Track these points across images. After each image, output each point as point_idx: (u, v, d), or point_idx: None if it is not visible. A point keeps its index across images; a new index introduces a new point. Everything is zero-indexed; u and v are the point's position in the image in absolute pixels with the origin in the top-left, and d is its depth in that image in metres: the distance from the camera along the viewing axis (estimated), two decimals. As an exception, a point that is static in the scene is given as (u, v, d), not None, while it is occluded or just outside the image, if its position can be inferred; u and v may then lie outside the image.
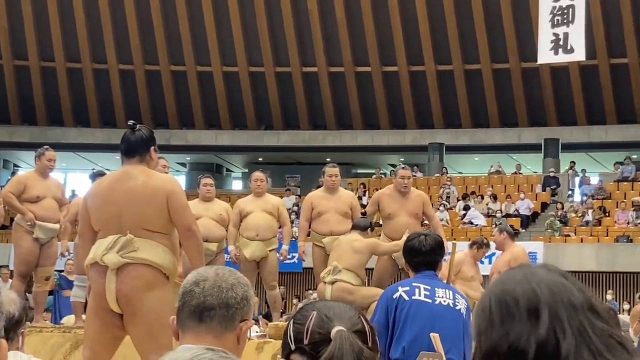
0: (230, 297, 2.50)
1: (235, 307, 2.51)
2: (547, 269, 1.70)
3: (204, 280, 2.52)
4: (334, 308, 2.06)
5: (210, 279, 2.52)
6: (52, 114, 34.42)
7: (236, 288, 2.52)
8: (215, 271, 2.55)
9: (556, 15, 25.16)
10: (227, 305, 2.49)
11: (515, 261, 9.86)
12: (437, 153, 32.60)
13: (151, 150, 5.57)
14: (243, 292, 2.53)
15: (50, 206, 9.55)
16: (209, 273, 2.55)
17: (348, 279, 9.09)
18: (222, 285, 2.51)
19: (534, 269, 1.69)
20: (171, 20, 33.17)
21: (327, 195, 10.08)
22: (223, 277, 2.53)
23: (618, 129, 31.25)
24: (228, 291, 2.51)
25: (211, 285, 2.51)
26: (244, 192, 26.77)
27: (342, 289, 9.03)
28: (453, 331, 5.16)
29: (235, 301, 2.51)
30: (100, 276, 5.36)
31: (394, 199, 9.68)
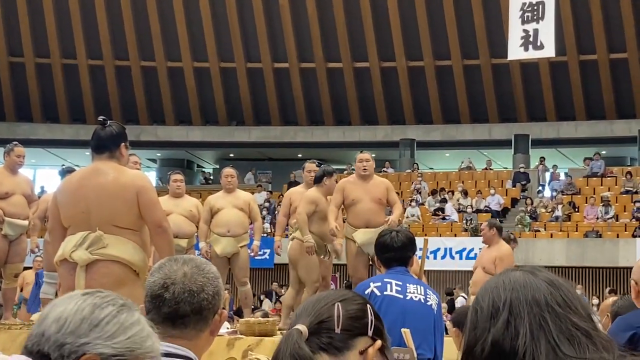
0: (202, 300, 2.43)
1: (207, 308, 2.45)
2: (529, 273, 1.81)
3: (172, 283, 2.43)
4: (310, 303, 2.00)
5: (178, 282, 2.43)
6: (20, 109, 34.15)
7: (207, 288, 2.45)
8: (183, 271, 2.45)
9: (526, 12, 25.27)
10: (200, 309, 2.43)
11: (501, 260, 9.88)
12: (408, 149, 32.68)
13: (121, 146, 5.54)
14: (214, 289, 2.47)
15: (19, 202, 9.48)
16: (177, 274, 2.44)
17: (299, 236, 9.30)
18: (192, 289, 2.43)
19: (512, 273, 1.81)
20: (141, 16, 32.99)
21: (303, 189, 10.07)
22: (192, 278, 2.44)
23: (587, 125, 31.46)
24: (200, 294, 2.43)
25: (181, 289, 2.42)
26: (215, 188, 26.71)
27: (297, 247, 9.30)
28: (424, 326, 5.18)
29: (207, 302, 2.44)
30: (70, 273, 5.33)
31: (357, 185, 9.54)
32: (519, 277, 1.78)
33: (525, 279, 1.78)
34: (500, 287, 1.78)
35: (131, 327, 1.71)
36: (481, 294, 1.80)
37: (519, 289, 1.75)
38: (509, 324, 1.71)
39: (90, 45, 33.45)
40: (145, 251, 5.49)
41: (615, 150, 31.98)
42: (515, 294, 1.74)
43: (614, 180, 27.92)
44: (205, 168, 38.48)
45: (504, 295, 1.75)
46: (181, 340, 2.43)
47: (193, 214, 10.11)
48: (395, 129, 32.83)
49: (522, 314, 1.71)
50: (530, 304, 1.72)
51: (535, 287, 1.75)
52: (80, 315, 1.69)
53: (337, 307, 1.95)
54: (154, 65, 33.76)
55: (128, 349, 1.68)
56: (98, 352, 1.66)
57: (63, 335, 1.66)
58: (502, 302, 1.74)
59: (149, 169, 36.25)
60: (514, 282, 1.77)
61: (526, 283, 1.77)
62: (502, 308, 1.73)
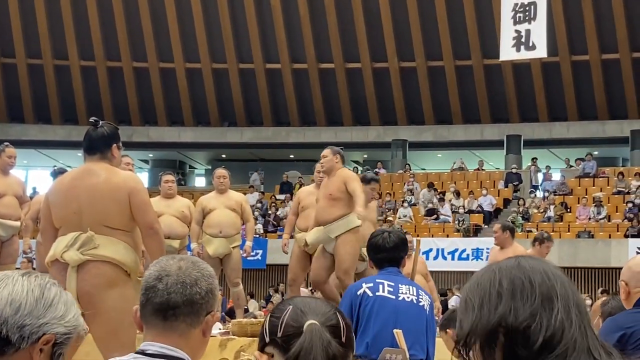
0: (195, 293, 2.43)
1: (200, 302, 2.44)
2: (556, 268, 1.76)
3: (166, 275, 2.44)
4: (310, 303, 2.07)
5: (173, 274, 2.44)
6: (12, 110, 34.07)
7: (200, 282, 2.45)
8: (178, 264, 2.47)
9: (518, 12, 25.30)
10: (192, 302, 2.43)
11: None
12: (400, 149, 32.70)
13: (113, 147, 5.53)
14: (207, 286, 2.46)
15: (10, 203, 9.46)
16: (172, 267, 2.46)
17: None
18: (185, 281, 2.43)
19: (549, 263, 1.74)
20: (133, 16, 32.96)
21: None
22: (186, 271, 2.45)
23: (579, 125, 31.51)
24: (192, 287, 2.43)
25: (174, 281, 2.43)
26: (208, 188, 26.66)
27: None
28: (416, 327, 5.18)
29: (200, 296, 2.44)
30: (61, 274, 5.31)
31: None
32: (559, 272, 1.73)
33: (564, 276, 1.73)
34: (548, 274, 1.70)
35: (72, 306, 1.75)
36: (517, 268, 1.71)
37: (567, 287, 1.70)
38: (562, 318, 1.65)
39: (82, 46, 33.40)
40: (136, 252, 5.49)
41: (607, 151, 32.04)
42: (565, 291, 1.68)
43: (606, 180, 27.98)
44: (198, 169, 38.47)
45: (556, 285, 1.68)
46: (172, 335, 2.42)
47: (185, 215, 10.10)
48: (387, 130, 32.85)
49: (571, 313, 1.66)
50: (575, 305, 1.68)
51: (576, 291, 1.72)
52: (33, 296, 1.70)
53: (341, 317, 2.06)
54: (146, 66, 33.72)
55: (74, 327, 1.71)
56: (55, 332, 1.68)
57: (21, 317, 1.67)
58: (556, 293, 1.66)
59: (141, 170, 36.20)
60: (561, 277, 1.72)
61: (569, 282, 1.72)
62: (555, 299, 1.65)
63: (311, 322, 1.99)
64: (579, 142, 31.04)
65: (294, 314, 2.03)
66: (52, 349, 1.88)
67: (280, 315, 2.05)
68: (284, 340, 2.01)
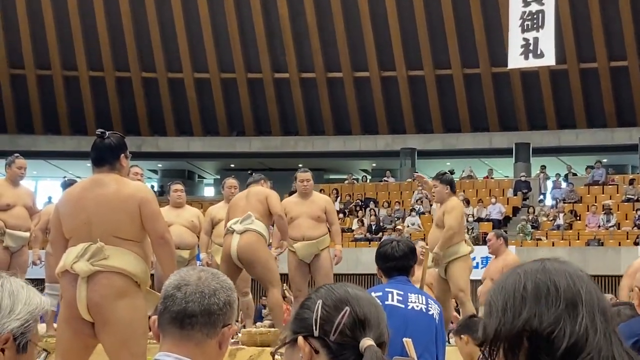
0: (213, 304, 2.44)
1: (217, 313, 2.44)
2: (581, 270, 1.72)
3: (186, 284, 2.45)
4: (365, 307, 1.99)
5: (192, 284, 2.45)
6: (22, 121, 34.17)
7: (219, 293, 2.46)
8: (198, 275, 2.48)
9: (526, 20, 25.31)
10: (209, 312, 2.44)
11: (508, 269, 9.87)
12: (409, 158, 32.69)
13: (121, 157, 5.54)
14: (226, 297, 2.47)
15: (20, 214, 9.49)
16: (192, 277, 2.48)
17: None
18: (204, 291, 2.44)
19: (574, 267, 1.73)
20: (142, 27, 33.05)
21: (300, 200, 10.01)
22: (205, 281, 2.46)
23: (588, 133, 31.47)
24: (210, 297, 2.44)
25: (193, 290, 2.44)
26: (217, 198, 26.67)
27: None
28: (426, 336, 5.17)
29: (218, 307, 2.44)
30: (71, 284, 5.33)
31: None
32: (585, 277, 1.71)
33: (590, 281, 1.70)
34: (573, 278, 1.68)
35: (20, 292, 1.74)
36: (542, 272, 1.69)
37: (592, 292, 1.67)
38: (586, 324, 1.62)
39: (91, 56, 33.50)
40: (146, 262, 5.50)
41: (616, 158, 31.98)
42: (590, 297, 1.66)
43: (616, 188, 27.92)
44: (207, 178, 38.52)
45: (581, 291, 1.66)
46: (188, 343, 2.43)
47: (194, 225, 10.11)
48: (395, 138, 32.84)
49: (596, 319, 1.64)
50: (601, 312, 1.66)
51: (602, 296, 1.68)
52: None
53: (388, 331, 2.04)
54: (154, 76, 33.80)
55: (29, 313, 1.69)
56: (10, 329, 1.67)
57: None
58: (581, 298, 1.64)
59: (150, 180, 36.27)
60: (587, 282, 1.69)
61: (595, 287, 1.69)
62: (580, 305, 1.63)
63: (370, 345, 1.92)
64: (588, 149, 30.99)
65: (352, 322, 1.96)
66: (15, 343, 1.88)
67: (334, 314, 1.96)
68: (337, 347, 1.94)
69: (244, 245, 8.62)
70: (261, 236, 8.75)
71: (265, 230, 8.80)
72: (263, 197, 8.95)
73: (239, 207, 8.96)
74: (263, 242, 8.75)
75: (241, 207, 8.93)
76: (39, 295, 1.83)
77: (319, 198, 10.22)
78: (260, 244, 8.71)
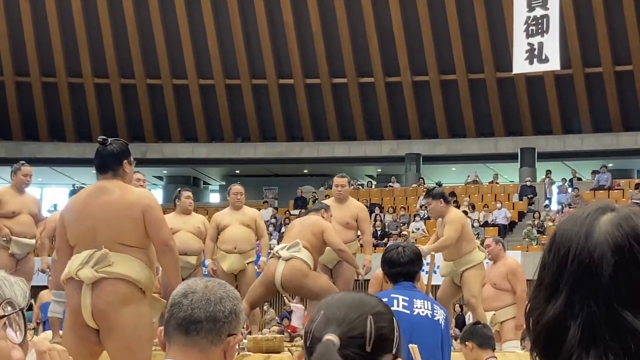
0: (218, 311, 2.47)
1: (222, 321, 2.47)
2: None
3: (192, 292, 2.49)
4: (341, 310, 1.94)
5: (199, 292, 2.49)
6: (27, 128, 34.23)
7: (225, 301, 2.49)
8: (205, 283, 2.52)
9: (531, 25, 25.30)
10: (215, 319, 2.46)
11: (513, 274, 9.93)
12: (414, 163, 32.68)
13: (124, 163, 5.54)
14: (232, 306, 2.50)
15: (25, 221, 9.50)
16: (199, 285, 2.52)
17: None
18: (210, 298, 2.48)
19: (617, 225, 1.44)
20: (146, 33, 33.10)
21: (334, 204, 9.77)
22: (212, 289, 2.50)
23: (593, 137, 31.44)
24: (216, 304, 2.47)
25: (199, 297, 2.48)
26: (222, 204, 26.67)
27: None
28: (431, 342, 5.16)
29: (223, 315, 2.47)
30: (76, 291, 5.33)
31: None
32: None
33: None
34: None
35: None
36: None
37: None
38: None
39: (96, 63, 33.55)
40: (151, 269, 5.50)
41: (621, 163, 31.94)
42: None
43: (621, 192, 27.87)
44: (212, 185, 38.53)
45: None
46: (193, 349, 2.44)
47: (201, 231, 10.11)
48: (400, 144, 32.84)
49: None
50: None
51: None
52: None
53: (370, 324, 1.91)
54: (159, 82, 33.84)
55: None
56: None
57: None
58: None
59: (155, 187, 36.30)
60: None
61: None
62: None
63: (327, 338, 1.93)
64: (593, 154, 30.96)
65: (321, 323, 1.93)
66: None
67: (312, 321, 1.96)
68: (309, 351, 1.93)
69: (288, 274, 8.52)
70: (306, 264, 8.62)
71: (311, 259, 8.64)
72: (318, 230, 8.71)
73: (291, 233, 8.88)
74: (307, 269, 8.59)
75: (292, 233, 8.82)
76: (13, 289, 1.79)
77: (353, 205, 10.06)
78: (304, 271, 8.56)
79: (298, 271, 8.49)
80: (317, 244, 8.65)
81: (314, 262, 8.64)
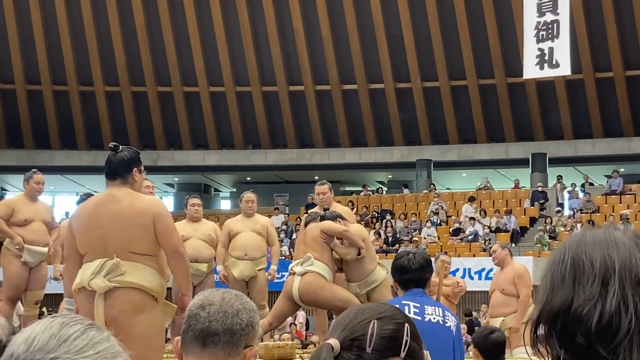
0: (235, 324, 2.49)
1: (239, 333, 2.49)
2: (628, 237, 1.60)
3: (209, 304, 2.51)
4: (350, 315, 1.96)
5: (216, 304, 2.51)
6: (38, 137, 34.36)
7: (242, 314, 2.51)
8: (222, 295, 2.55)
9: (541, 31, 25.28)
10: (232, 331, 2.48)
11: (520, 278, 9.90)
12: (424, 169, 32.65)
13: (134, 171, 5.55)
14: (248, 318, 2.52)
15: (38, 229, 9.52)
16: (216, 297, 2.54)
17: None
18: (227, 311, 2.50)
19: (617, 234, 1.60)
20: (157, 41, 33.19)
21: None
22: (229, 302, 2.52)
23: (605, 142, 31.36)
24: (233, 317, 2.50)
25: (217, 310, 2.50)
26: (233, 211, 26.72)
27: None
28: (443, 348, 5.16)
29: (240, 327, 2.49)
30: (88, 301, 5.34)
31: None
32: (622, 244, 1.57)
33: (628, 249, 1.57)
34: (609, 251, 1.56)
35: (100, 343, 1.74)
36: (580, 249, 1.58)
37: (627, 262, 1.54)
38: (618, 300, 1.50)
39: (107, 71, 33.66)
40: (162, 276, 5.51)
41: (633, 168, 31.84)
42: (623, 268, 1.53)
43: (633, 197, 27.80)
44: (223, 192, 38.57)
45: (614, 263, 1.54)
46: None
47: (212, 238, 10.12)
48: (411, 150, 32.83)
49: (627, 292, 1.50)
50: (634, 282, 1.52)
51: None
52: (49, 332, 1.71)
53: (373, 326, 1.92)
54: (170, 90, 33.93)
55: (101, 358, 1.69)
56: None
57: (32, 353, 1.69)
58: (612, 272, 1.52)
59: (166, 194, 36.37)
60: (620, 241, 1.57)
61: (631, 256, 1.55)
62: (612, 279, 1.51)
63: (327, 342, 1.97)
64: (605, 159, 30.88)
65: (330, 330, 1.96)
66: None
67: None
68: None
69: (303, 287, 8.48)
70: (321, 277, 8.58)
71: (326, 270, 8.55)
72: (318, 235, 8.68)
73: (300, 248, 8.85)
74: (323, 281, 8.53)
75: (301, 248, 8.79)
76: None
77: (339, 210, 9.86)
78: (320, 284, 8.50)
79: (312, 284, 8.46)
80: (327, 252, 8.63)
81: (330, 272, 8.59)
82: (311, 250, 8.55)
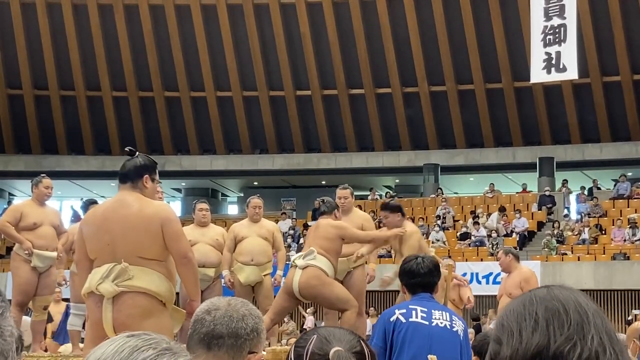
0: (240, 328, 2.52)
1: (244, 337, 2.52)
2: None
3: (215, 309, 2.55)
4: (335, 332, 2.10)
5: (222, 309, 2.55)
6: (46, 142, 34.43)
7: (247, 319, 2.55)
8: (228, 301, 2.59)
9: (548, 35, 25.27)
10: (236, 335, 2.51)
11: (527, 282, 9.88)
12: (432, 174, 32.63)
13: (145, 178, 5.56)
14: (254, 324, 2.55)
15: (47, 234, 9.52)
16: (222, 303, 2.58)
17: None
18: (233, 315, 2.54)
19: (579, 292, 1.71)
20: (164, 46, 33.25)
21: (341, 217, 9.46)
22: (235, 307, 2.56)
23: (612, 146, 31.31)
24: (238, 321, 2.53)
25: (222, 314, 2.54)
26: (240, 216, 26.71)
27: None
28: (450, 353, 5.17)
29: (245, 332, 2.52)
30: (97, 305, 5.36)
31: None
32: (589, 301, 1.69)
33: (594, 305, 1.69)
34: (580, 302, 1.67)
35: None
36: (551, 297, 1.68)
37: (598, 315, 1.66)
38: (596, 346, 1.61)
39: (114, 77, 33.73)
40: (171, 281, 5.52)
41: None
42: (598, 319, 1.65)
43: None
44: (230, 196, 38.59)
45: (589, 313, 1.65)
46: None
47: (220, 243, 10.12)
48: (418, 154, 32.81)
49: (605, 342, 1.62)
50: (608, 335, 1.64)
51: (606, 320, 1.68)
52: (119, 357, 1.68)
53: (362, 344, 2.10)
54: (177, 95, 33.98)
55: None
56: None
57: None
58: (588, 320, 1.63)
59: (173, 199, 36.40)
60: (593, 306, 1.68)
61: (599, 311, 1.68)
62: (588, 326, 1.63)
63: (337, 349, 2.03)
64: (612, 163, 30.84)
65: (319, 342, 2.07)
66: None
67: (305, 345, 2.08)
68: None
69: (304, 281, 8.46)
70: (322, 272, 8.57)
71: (328, 265, 8.53)
72: (331, 233, 8.53)
73: (308, 241, 8.85)
74: (324, 276, 8.51)
75: (309, 241, 8.77)
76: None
77: (357, 216, 9.84)
78: (320, 279, 8.48)
79: (314, 278, 8.45)
80: (332, 247, 8.56)
81: (332, 267, 8.57)
82: (316, 244, 8.53)
